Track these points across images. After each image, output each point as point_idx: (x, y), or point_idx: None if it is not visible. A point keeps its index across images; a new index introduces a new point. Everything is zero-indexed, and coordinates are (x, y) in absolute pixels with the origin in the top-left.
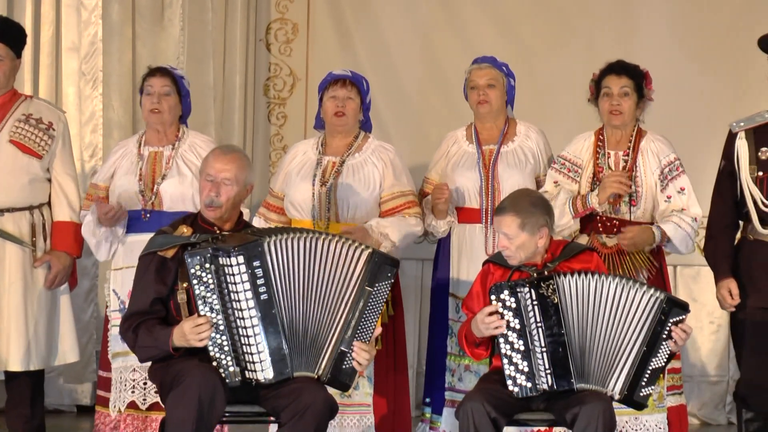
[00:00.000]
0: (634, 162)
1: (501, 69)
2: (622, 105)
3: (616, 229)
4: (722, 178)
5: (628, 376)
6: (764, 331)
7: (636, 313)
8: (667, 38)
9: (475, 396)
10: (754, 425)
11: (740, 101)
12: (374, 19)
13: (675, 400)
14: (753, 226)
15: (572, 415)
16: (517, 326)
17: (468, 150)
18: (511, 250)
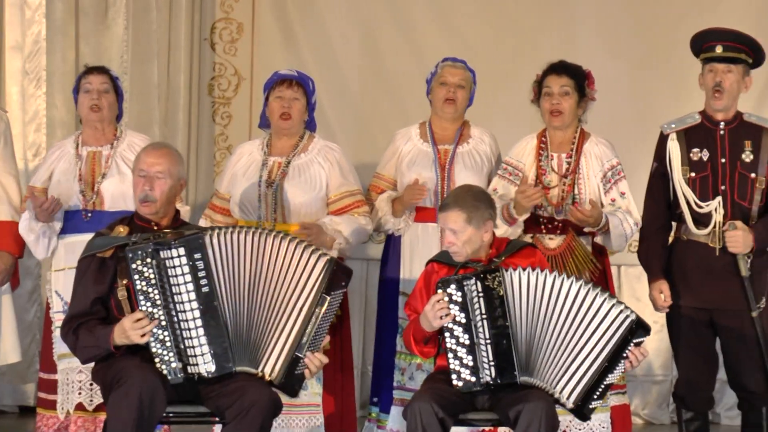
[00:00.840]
0: (576, 164)
1: (471, 73)
2: (562, 104)
3: (558, 230)
4: (654, 180)
5: (584, 388)
6: (699, 330)
7: (602, 324)
8: (605, 39)
9: (423, 396)
10: (694, 425)
11: (673, 102)
12: (319, 18)
13: (618, 399)
14: (687, 227)
15: (515, 413)
16: (462, 320)
17: (423, 149)
18: (457, 245)
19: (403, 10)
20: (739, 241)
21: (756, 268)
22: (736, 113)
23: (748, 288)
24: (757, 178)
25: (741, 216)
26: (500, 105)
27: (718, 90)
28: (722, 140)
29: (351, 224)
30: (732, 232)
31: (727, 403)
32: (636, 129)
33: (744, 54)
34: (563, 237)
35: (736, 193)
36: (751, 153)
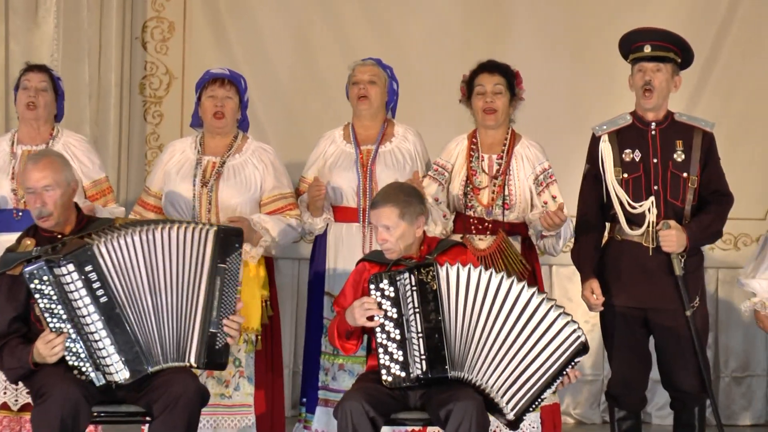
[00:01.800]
0: (507, 165)
1: (385, 70)
2: (496, 103)
3: (489, 231)
4: (587, 181)
5: (527, 402)
6: (633, 330)
7: (555, 341)
8: (538, 38)
9: (354, 395)
10: (627, 424)
11: (605, 103)
12: (250, 17)
13: (548, 399)
14: (620, 227)
15: (445, 413)
16: (394, 315)
17: (346, 150)
18: (391, 242)
19: (335, 9)
20: (672, 241)
21: (690, 267)
22: (667, 113)
23: (682, 287)
24: (689, 177)
25: (674, 215)
26: (432, 104)
27: (647, 89)
28: (654, 140)
29: (279, 224)
30: (665, 232)
31: (658, 403)
32: (570, 129)
33: (672, 53)
34: (493, 238)
35: (668, 193)
36: (683, 153)
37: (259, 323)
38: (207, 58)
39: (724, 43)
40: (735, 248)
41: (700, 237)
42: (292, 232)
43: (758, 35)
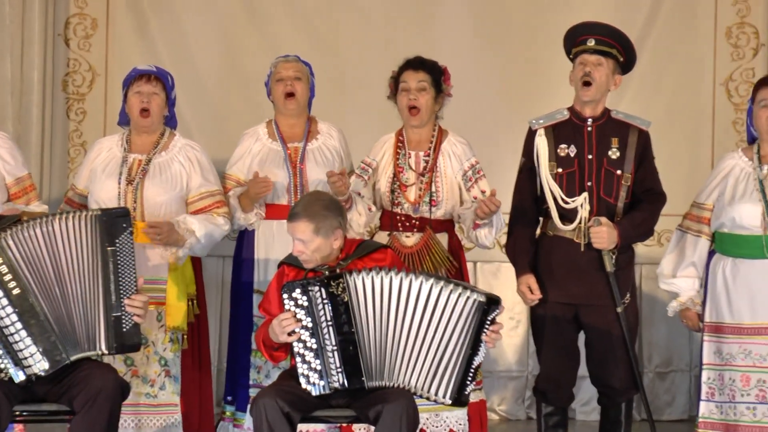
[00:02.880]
0: (434, 162)
1: (306, 66)
2: (419, 100)
3: (416, 228)
4: (522, 175)
5: (456, 380)
6: (562, 326)
7: (454, 315)
8: (468, 34)
9: (269, 392)
10: (553, 419)
11: (541, 98)
12: (174, 14)
13: (475, 395)
14: (552, 222)
15: (375, 413)
16: (309, 324)
17: (273, 147)
18: (307, 254)
19: (259, 6)
20: (603, 237)
21: (621, 263)
22: (604, 110)
23: (613, 284)
24: (623, 174)
25: (607, 212)
26: (358, 101)
27: (587, 81)
28: (590, 137)
29: (205, 224)
30: (597, 228)
31: (583, 398)
32: (501, 124)
33: (616, 50)
34: (420, 235)
35: (602, 190)
36: (618, 150)
37: (186, 322)
38: (130, 56)
39: (648, 41)
40: (658, 244)
41: (631, 234)
42: (218, 231)
43: (681, 33)
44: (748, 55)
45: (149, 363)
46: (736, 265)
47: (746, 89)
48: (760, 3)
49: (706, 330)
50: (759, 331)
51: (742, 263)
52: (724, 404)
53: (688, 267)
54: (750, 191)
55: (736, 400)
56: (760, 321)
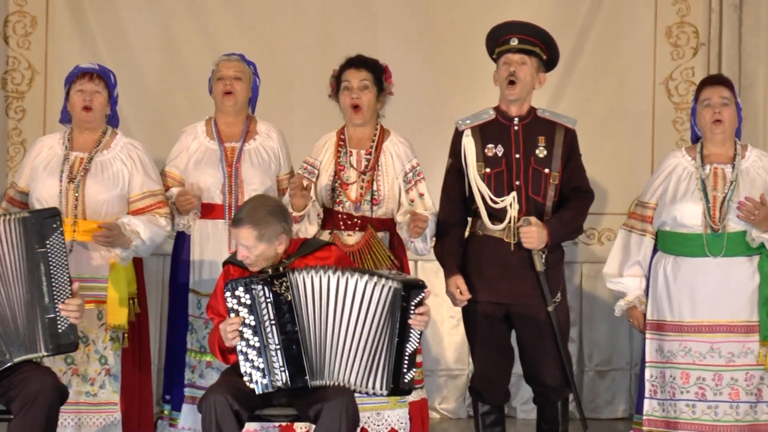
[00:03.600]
0: (376, 161)
1: (249, 66)
2: (362, 98)
3: (357, 227)
4: (450, 176)
5: (389, 371)
6: (494, 325)
7: (372, 306)
8: (408, 33)
9: (218, 389)
10: (490, 418)
11: (468, 99)
12: (114, 12)
13: (417, 394)
14: (482, 222)
15: (315, 412)
16: (252, 323)
17: (209, 146)
18: (251, 259)
19: (200, 4)
20: (533, 237)
21: (551, 262)
22: (530, 109)
23: (544, 283)
24: (550, 173)
25: (535, 211)
26: (298, 100)
27: (512, 81)
28: (516, 136)
29: (150, 226)
30: (526, 228)
31: (523, 397)
32: (432, 125)
33: (539, 49)
34: (361, 233)
35: (530, 189)
36: (545, 149)
37: (126, 321)
38: (71, 54)
39: (588, 40)
40: (599, 243)
41: (560, 233)
42: (162, 232)
43: (621, 32)
44: (687, 55)
45: (89, 362)
46: (677, 263)
47: (686, 88)
48: (700, 2)
49: (648, 328)
50: (699, 329)
51: (683, 261)
52: (666, 402)
53: (634, 266)
54: (692, 190)
55: (676, 397)
56: (700, 319)
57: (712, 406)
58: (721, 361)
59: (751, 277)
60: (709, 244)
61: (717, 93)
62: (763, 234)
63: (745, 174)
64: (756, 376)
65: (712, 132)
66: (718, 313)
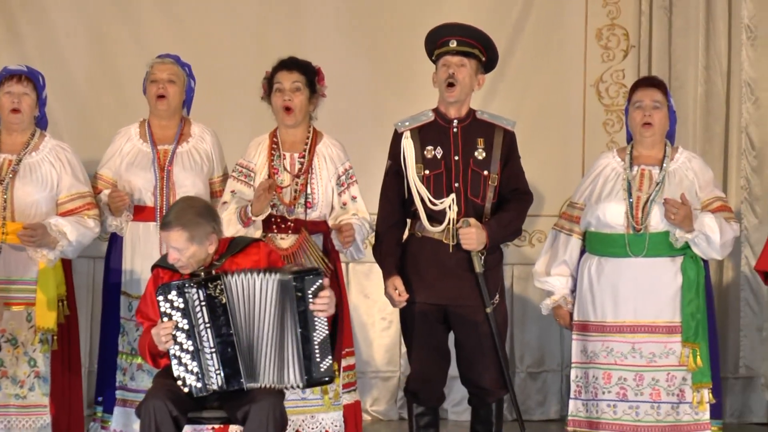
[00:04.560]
0: (309, 164)
1: (183, 68)
2: (294, 100)
3: (291, 230)
4: (389, 178)
5: (300, 363)
6: (432, 326)
7: (272, 301)
8: (340, 35)
9: (157, 394)
10: (424, 420)
11: (407, 99)
12: (44, 13)
13: (350, 397)
14: (421, 224)
15: (243, 413)
16: (185, 327)
17: (142, 149)
18: (182, 261)
19: (130, 5)
20: (472, 238)
21: (489, 264)
22: (469, 111)
23: (482, 284)
24: (489, 175)
25: (474, 213)
26: (231, 102)
27: (451, 83)
28: (455, 138)
29: (77, 227)
30: (465, 229)
31: (455, 399)
32: (369, 126)
33: (477, 50)
34: (296, 236)
35: (469, 191)
36: (484, 151)
37: (55, 323)
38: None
39: (519, 42)
40: (530, 245)
41: (499, 234)
42: (89, 233)
43: (552, 34)
44: (618, 57)
45: (18, 364)
46: (601, 263)
47: (616, 90)
48: (630, 5)
49: (574, 328)
50: (621, 329)
51: (606, 262)
52: (589, 402)
53: (560, 265)
54: (617, 190)
55: (598, 397)
56: (622, 319)
57: (633, 407)
58: (642, 362)
59: (673, 278)
60: (631, 245)
61: (649, 96)
62: (686, 234)
63: (672, 176)
64: (678, 376)
65: (642, 134)
66: (641, 313)
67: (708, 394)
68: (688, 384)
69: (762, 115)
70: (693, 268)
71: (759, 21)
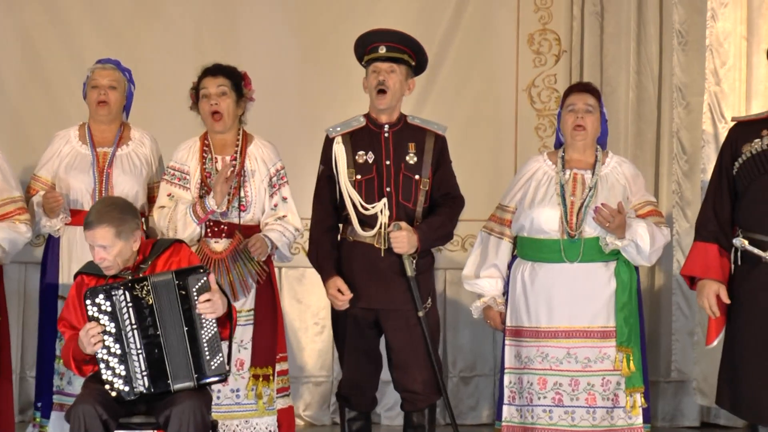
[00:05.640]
0: (242, 166)
1: (124, 73)
2: (221, 104)
3: (224, 234)
4: (322, 182)
5: (189, 361)
6: (364, 331)
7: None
8: (272, 40)
9: (87, 398)
10: (357, 424)
11: (339, 104)
12: None
13: (284, 402)
14: (353, 228)
15: (165, 418)
16: (113, 330)
17: (81, 151)
18: (109, 260)
19: (61, 11)
20: (403, 242)
21: (421, 268)
22: (400, 116)
23: (414, 288)
24: (421, 179)
25: (406, 217)
26: (162, 106)
27: (381, 89)
28: (387, 143)
29: (9, 232)
30: (396, 233)
31: (387, 403)
32: (303, 131)
33: (407, 55)
34: (229, 240)
35: (401, 195)
36: (415, 155)
37: None
38: None
39: (451, 47)
40: (462, 249)
41: (430, 238)
42: (21, 239)
43: (484, 39)
44: (550, 62)
45: None
46: (535, 269)
47: (548, 95)
48: (562, 10)
49: (507, 334)
50: (555, 335)
51: (540, 267)
52: (524, 408)
53: (490, 268)
54: (550, 195)
55: (533, 403)
56: (557, 324)
57: (569, 412)
58: (577, 367)
59: (607, 283)
60: (565, 250)
61: (582, 99)
62: (617, 241)
63: (604, 180)
64: (612, 381)
65: (573, 138)
66: (575, 318)
67: (641, 399)
68: (622, 388)
69: (693, 120)
70: (626, 272)
71: (690, 26)
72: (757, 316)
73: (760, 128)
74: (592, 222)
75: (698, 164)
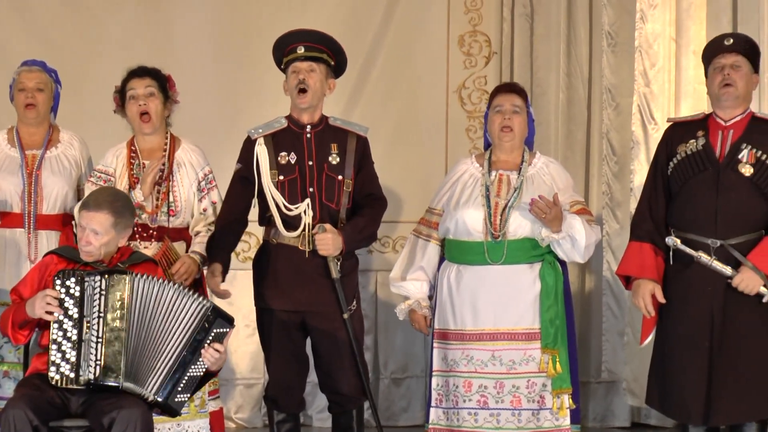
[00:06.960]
0: (170, 171)
1: (50, 74)
2: (149, 105)
3: (154, 238)
4: (234, 181)
5: (167, 380)
6: (290, 333)
7: (185, 318)
8: (203, 43)
9: (17, 403)
10: (286, 426)
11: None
12: None
13: (215, 404)
14: (276, 230)
15: (109, 420)
16: (75, 315)
17: (10, 154)
18: (94, 246)
19: None
20: (328, 244)
21: (346, 270)
22: (321, 116)
23: (339, 290)
24: (344, 180)
25: (330, 218)
26: (91, 108)
27: (302, 89)
28: (309, 143)
29: None
30: (321, 235)
31: (319, 406)
32: (224, 132)
33: (326, 55)
34: (159, 245)
35: (324, 196)
36: (338, 156)
37: None
38: None
39: (382, 48)
40: (394, 251)
41: (355, 240)
42: None
43: (414, 40)
44: (480, 63)
45: None
46: (460, 271)
47: (479, 97)
48: (492, 12)
49: (435, 337)
50: (480, 337)
51: (465, 270)
52: (450, 410)
53: (417, 271)
54: (475, 197)
55: (459, 405)
56: (482, 327)
57: (494, 414)
58: (502, 369)
59: (532, 285)
60: (489, 252)
61: (509, 100)
62: (553, 234)
63: (529, 181)
64: (538, 383)
65: (500, 139)
66: (500, 321)
67: (568, 400)
68: (548, 390)
69: (623, 121)
70: (551, 274)
71: (619, 27)
72: (687, 316)
73: (696, 129)
74: (516, 223)
75: (628, 165)
